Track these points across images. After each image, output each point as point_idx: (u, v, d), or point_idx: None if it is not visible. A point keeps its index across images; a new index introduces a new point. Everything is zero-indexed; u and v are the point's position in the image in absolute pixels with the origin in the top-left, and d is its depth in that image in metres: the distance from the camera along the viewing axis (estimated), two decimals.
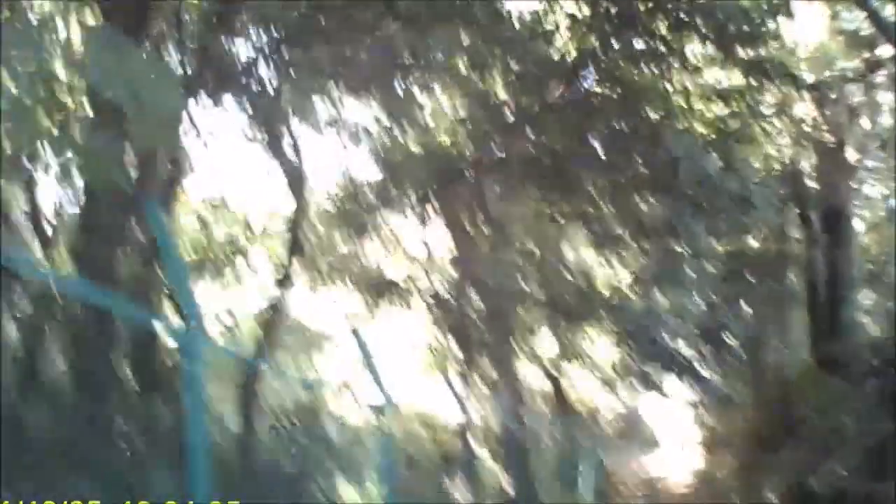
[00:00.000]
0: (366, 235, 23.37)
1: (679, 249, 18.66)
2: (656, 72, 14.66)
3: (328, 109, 20.66)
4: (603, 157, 16.24)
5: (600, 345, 23.47)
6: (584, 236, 20.24)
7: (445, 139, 18.97)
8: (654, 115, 15.19)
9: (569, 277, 23.90)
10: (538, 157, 16.39)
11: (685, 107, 15.60)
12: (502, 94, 16.65)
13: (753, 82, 15.74)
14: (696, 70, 14.80)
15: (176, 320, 10.70)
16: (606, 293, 22.07)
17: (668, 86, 14.83)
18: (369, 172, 20.88)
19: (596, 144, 16.16)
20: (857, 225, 24.75)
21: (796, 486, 17.93)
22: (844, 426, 17.58)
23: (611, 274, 23.74)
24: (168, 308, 11.20)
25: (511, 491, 20.61)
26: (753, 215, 17.23)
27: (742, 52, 14.77)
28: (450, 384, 25.14)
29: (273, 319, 17.40)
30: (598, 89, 15.19)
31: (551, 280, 23.32)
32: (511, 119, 16.45)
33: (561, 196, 17.38)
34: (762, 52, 14.97)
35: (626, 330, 19.53)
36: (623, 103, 14.95)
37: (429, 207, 21.46)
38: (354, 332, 8.41)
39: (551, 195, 17.49)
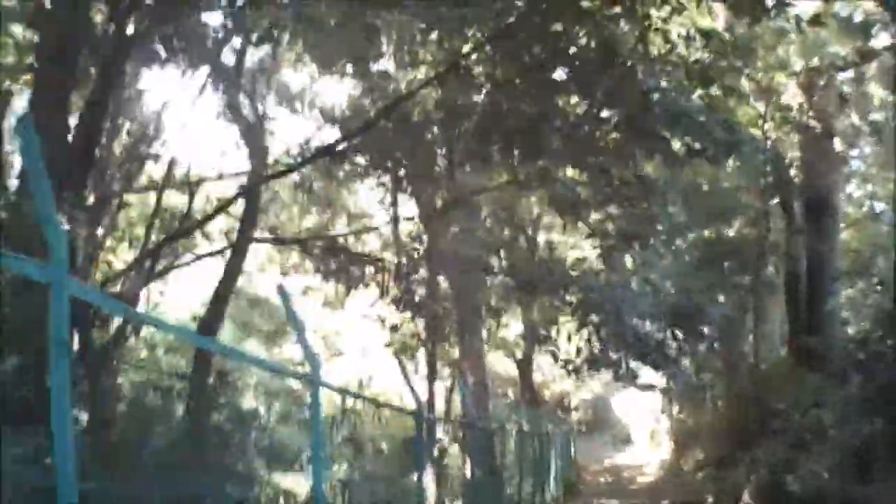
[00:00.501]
0: (327, 205, 22.60)
1: (653, 212, 17.65)
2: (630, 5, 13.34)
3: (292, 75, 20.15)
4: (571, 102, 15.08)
5: (568, 325, 22.54)
6: (551, 204, 19.19)
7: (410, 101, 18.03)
8: (628, 57, 13.86)
9: (535, 250, 23.05)
10: (502, 112, 15.24)
11: (664, 49, 14.19)
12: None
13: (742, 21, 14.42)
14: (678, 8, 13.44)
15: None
16: (574, 269, 21.14)
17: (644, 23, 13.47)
18: (333, 139, 19.93)
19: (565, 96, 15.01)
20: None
21: (771, 484, 17.16)
22: (822, 423, 16.85)
23: (579, 248, 22.98)
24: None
25: (474, 477, 19.81)
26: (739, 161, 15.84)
27: None
28: (402, 367, 24.31)
29: (225, 287, 16.54)
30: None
31: (517, 253, 22.43)
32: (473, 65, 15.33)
33: (527, 156, 16.19)
34: None
35: (592, 308, 18.57)
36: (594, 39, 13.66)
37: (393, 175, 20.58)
38: (280, 288, 7.46)
39: (516, 154, 16.32)
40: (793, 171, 23.06)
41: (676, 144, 14.34)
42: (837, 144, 21.95)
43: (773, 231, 24.09)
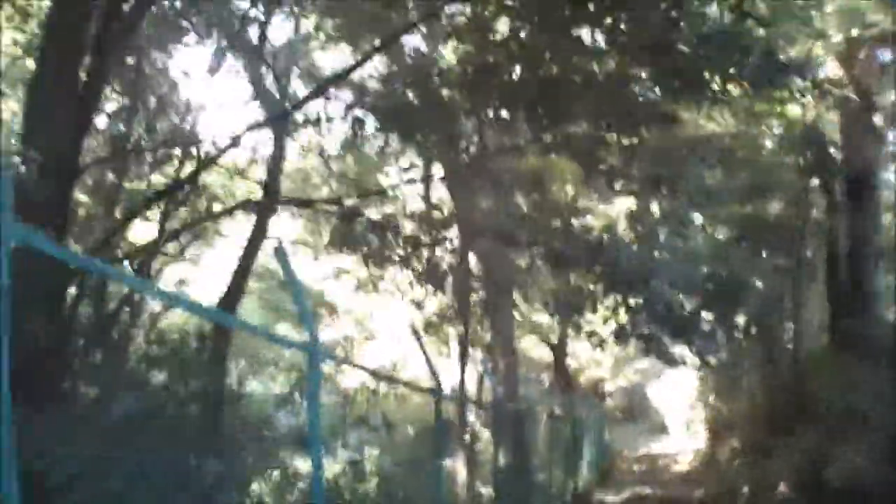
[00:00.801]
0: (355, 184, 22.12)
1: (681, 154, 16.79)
2: None
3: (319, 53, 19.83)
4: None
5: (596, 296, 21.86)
6: (578, 168, 18.41)
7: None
8: None
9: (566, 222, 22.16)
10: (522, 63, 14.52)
11: None
12: None
13: None
14: None
15: None
16: (603, 233, 20.32)
17: None
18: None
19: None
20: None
21: (810, 474, 16.57)
22: (864, 410, 16.21)
23: (611, 218, 22.28)
24: None
25: (504, 462, 19.42)
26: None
27: None
28: (420, 343, 23.93)
29: (246, 261, 16.17)
30: None
31: (547, 222, 21.53)
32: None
33: (553, 116, 15.35)
34: None
35: (620, 276, 17.80)
36: None
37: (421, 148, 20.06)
38: (278, 248, 7.06)
39: (542, 116, 15.53)
40: (832, 150, 22.35)
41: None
42: (878, 120, 21.16)
43: (813, 211, 23.39)
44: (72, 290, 10.58)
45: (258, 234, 16.92)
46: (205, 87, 16.99)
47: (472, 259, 21.20)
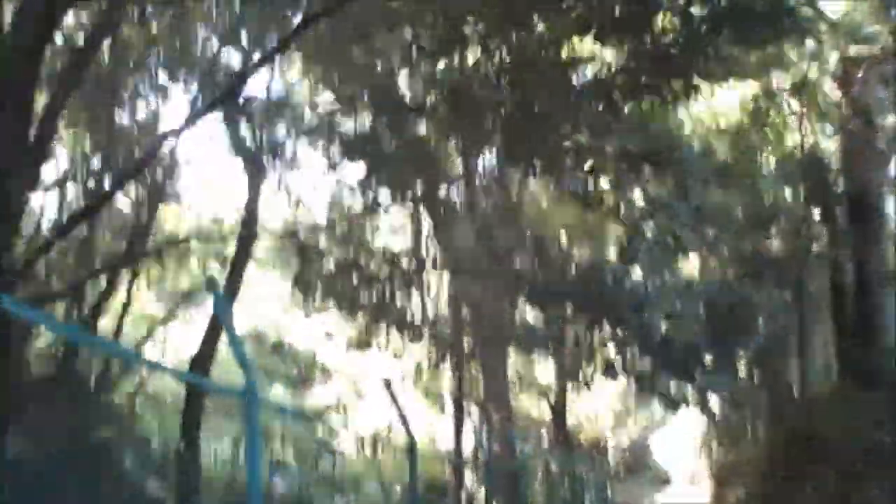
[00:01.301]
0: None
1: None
2: None
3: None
4: None
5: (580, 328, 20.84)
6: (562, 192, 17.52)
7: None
8: None
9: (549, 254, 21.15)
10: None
11: None
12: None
13: None
14: None
15: None
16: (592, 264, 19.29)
17: None
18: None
19: None
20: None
21: None
22: (881, 447, 15.19)
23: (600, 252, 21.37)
24: None
25: None
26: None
27: None
28: (392, 396, 23.11)
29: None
30: None
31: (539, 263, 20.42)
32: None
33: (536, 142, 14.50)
34: None
35: (609, 305, 16.72)
36: None
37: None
38: (210, 281, 6.29)
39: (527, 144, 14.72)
40: (833, 176, 21.55)
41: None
42: (880, 142, 20.30)
43: (815, 241, 22.53)
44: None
45: (233, 288, 16.45)
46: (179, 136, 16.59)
47: (458, 306, 20.34)
